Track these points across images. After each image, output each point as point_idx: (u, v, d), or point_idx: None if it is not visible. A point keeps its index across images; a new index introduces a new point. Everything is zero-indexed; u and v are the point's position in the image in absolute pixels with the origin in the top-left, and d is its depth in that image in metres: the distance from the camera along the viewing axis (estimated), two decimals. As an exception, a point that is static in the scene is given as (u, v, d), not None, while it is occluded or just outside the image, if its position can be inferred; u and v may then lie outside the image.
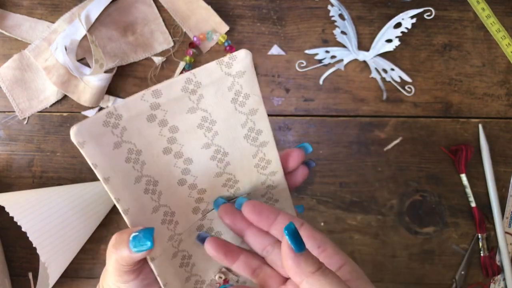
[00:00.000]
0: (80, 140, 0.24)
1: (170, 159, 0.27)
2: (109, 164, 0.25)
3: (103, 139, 0.25)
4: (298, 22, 0.51)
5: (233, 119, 0.28)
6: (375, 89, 0.51)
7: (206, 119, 0.27)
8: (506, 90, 0.51)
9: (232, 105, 0.27)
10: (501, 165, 0.51)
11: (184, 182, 0.28)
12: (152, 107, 0.26)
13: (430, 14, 0.51)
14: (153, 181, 0.27)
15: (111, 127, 0.25)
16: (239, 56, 0.26)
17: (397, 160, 0.51)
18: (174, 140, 0.27)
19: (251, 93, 0.27)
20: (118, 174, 0.25)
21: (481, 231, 0.50)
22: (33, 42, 0.49)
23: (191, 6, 0.51)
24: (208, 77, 0.26)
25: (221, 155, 0.28)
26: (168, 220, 0.28)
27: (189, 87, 0.26)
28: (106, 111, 0.25)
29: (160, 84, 0.26)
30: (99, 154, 0.25)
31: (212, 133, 0.28)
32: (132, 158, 0.26)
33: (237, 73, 0.27)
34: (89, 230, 0.47)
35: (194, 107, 0.27)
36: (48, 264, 0.41)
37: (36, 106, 0.50)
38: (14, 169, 0.51)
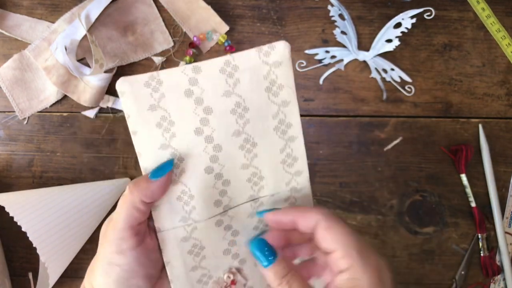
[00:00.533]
0: (122, 89, 0.26)
1: (200, 142, 0.28)
2: (141, 120, 0.27)
3: (141, 97, 0.26)
4: (298, 22, 0.51)
5: (265, 109, 0.28)
6: (375, 89, 0.51)
7: (240, 105, 0.28)
8: (506, 90, 0.51)
9: (266, 93, 0.28)
10: (501, 165, 0.51)
11: (211, 171, 0.28)
12: (190, 82, 0.27)
13: (430, 14, 0.51)
14: (179, 157, 0.28)
15: (152, 90, 0.27)
16: (278, 47, 0.27)
17: (397, 160, 0.51)
18: (207, 122, 0.28)
19: (286, 84, 0.28)
20: (145, 132, 0.27)
21: (481, 231, 0.50)
22: (33, 42, 0.49)
23: (191, 6, 0.51)
24: (246, 62, 0.27)
25: (250, 145, 0.29)
26: (185, 200, 0.28)
27: (227, 69, 0.27)
28: (150, 73, 0.26)
29: (201, 62, 0.27)
30: (134, 108, 0.26)
31: (244, 120, 0.28)
32: (163, 125, 0.27)
33: (274, 63, 0.27)
34: (89, 230, 0.47)
35: (230, 91, 0.27)
36: (48, 264, 0.41)
37: (36, 106, 0.50)
38: (14, 169, 0.51)
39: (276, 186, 0.30)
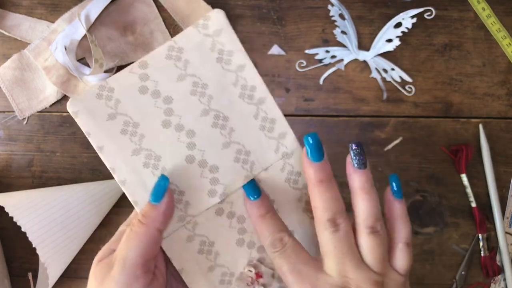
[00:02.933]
0: (75, 109, 0.26)
1: (171, 133, 0.27)
2: (103, 133, 0.26)
3: (96, 110, 0.26)
4: (298, 22, 0.51)
5: (223, 79, 0.27)
6: (375, 89, 0.51)
7: (197, 84, 0.27)
8: (506, 90, 0.51)
9: (219, 64, 0.27)
10: (501, 165, 0.51)
11: (192, 159, 0.27)
12: (141, 78, 0.26)
13: (430, 14, 0.51)
14: (155, 156, 0.27)
15: (105, 99, 0.26)
16: (212, 16, 0.27)
17: (397, 160, 0.51)
18: (171, 112, 0.27)
19: (234, 49, 0.27)
20: (113, 144, 0.26)
21: (481, 231, 0.50)
22: (33, 42, 0.49)
23: (191, 6, 0.51)
24: (189, 41, 0.27)
25: (222, 120, 0.28)
26: (176, 199, 0.27)
27: (173, 54, 0.27)
28: (98, 84, 0.26)
29: (146, 55, 0.27)
30: (92, 123, 0.26)
31: (206, 97, 0.27)
32: (128, 130, 0.26)
33: (214, 32, 0.27)
34: (89, 230, 0.47)
35: (183, 74, 0.27)
36: (48, 264, 0.41)
37: (35, 106, 0.50)
38: (13, 169, 0.51)
39: (266, 158, 0.29)
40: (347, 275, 0.25)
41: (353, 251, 0.25)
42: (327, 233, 0.25)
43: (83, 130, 0.26)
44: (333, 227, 0.25)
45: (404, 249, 0.27)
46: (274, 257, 0.26)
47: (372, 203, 0.27)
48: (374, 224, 0.26)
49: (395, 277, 0.26)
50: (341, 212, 0.26)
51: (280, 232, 0.27)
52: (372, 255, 0.26)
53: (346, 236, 0.26)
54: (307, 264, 0.26)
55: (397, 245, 0.27)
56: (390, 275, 0.26)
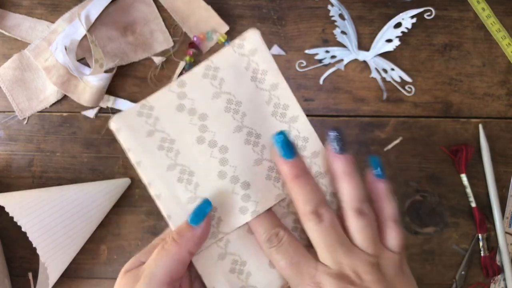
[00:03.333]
0: (117, 127, 0.27)
1: (205, 149, 0.28)
2: (141, 149, 0.27)
3: (137, 127, 0.27)
4: (298, 22, 0.51)
5: (257, 98, 0.28)
6: (375, 89, 0.51)
7: (232, 102, 0.28)
8: (506, 90, 0.51)
9: (253, 83, 0.28)
10: (501, 165, 0.51)
11: (224, 175, 0.28)
12: (179, 97, 0.28)
13: (430, 14, 0.51)
14: (189, 171, 0.28)
15: (145, 117, 0.27)
16: (248, 36, 0.28)
17: (397, 160, 0.51)
18: (206, 128, 0.28)
19: (268, 68, 0.28)
20: (150, 159, 0.27)
21: (481, 231, 0.50)
22: (33, 42, 0.49)
23: (191, 6, 0.51)
24: (225, 61, 0.28)
25: (255, 137, 0.28)
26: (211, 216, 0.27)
27: (209, 73, 0.28)
28: (140, 103, 0.27)
29: (184, 75, 0.28)
30: (132, 139, 0.27)
31: (240, 114, 0.28)
32: (165, 147, 0.27)
33: (250, 52, 0.28)
34: (89, 230, 0.47)
35: (218, 92, 0.28)
36: (48, 264, 0.41)
37: (36, 106, 0.50)
38: (14, 169, 0.51)
39: None
40: (341, 261, 0.25)
41: (342, 237, 0.26)
42: (312, 225, 0.26)
43: (124, 146, 0.27)
44: (317, 218, 0.26)
45: (393, 227, 0.27)
46: (271, 252, 0.26)
47: (355, 185, 0.27)
48: (360, 205, 0.26)
49: (389, 255, 0.26)
50: (322, 202, 0.26)
51: (275, 227, 0.27)
52: (362, 236, 0.26)
53: (331, 225, 0.26)
54: (304, 257, 0.26)
55: (386, 224, 0.27)
56: (384, 254, 0.26)
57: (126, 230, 0.50)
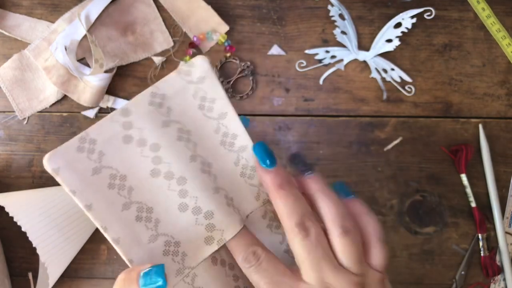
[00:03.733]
0: (55, 166, 0.23)
1: (161, 182, 0.25)
2: (90, 190, 0.24)
3: (79, 165, 0.24)
4: (298, 22, 0.51)
5: (205, 127, 0.27)
6: (375, 89, 0.51)
7: (182, 130, 0.26)
8: (506, 90, 0.51)
9: (200, 111, 0.27)
10: (501, 165, 0.51)
11: (185, 207, 0.26)
12: (124, 127, 0.25)
13: (430, 14, 0.51)
14: (146, 208, 0.25)
15: (87, 152, 0.24)
16: (196, 63, 0.26)
17: (397, 160, 0.51)
18: (160, 160, 0.25)
19: (217, 97, 0.27)
20: (101, 200, 0.24)
21: (481, 231, 0.50)
22: (33, 42, 0.49)
23: (191, 6, 0.51)
24: (171, 87, 0.26)
25: (207, 166, 0.27)
26: (172, 251, 0.26)
27: (155, 100, 0.26)
28: (78, 136, 0.24)
29: (128, 102, 0.25)
30: (76, 180, 0.24)
31: (192, 143, 0.27)
32: (116, 184, 0.25)
33: (198, 80, 0.26)
34: (89, 230, 0.47)
35: (167, 121, 0.26)
36: (48, 264, 0.41)
37: (36, 106, 0.50)
38: (14, 169, 0.51)
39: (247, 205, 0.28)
40: (327, 281, 0.24)
41: (328, 255, 0.25)
42: (298, 240, 0.24)
43: (67, 189, 0.23)
44: (303, 231, 0.24)
45: (378, 246, 0.26)
46: (249, 273, 0.25)
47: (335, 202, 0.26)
48: (343, 222, 0.25)
49: (374, 275, 0.25)
50: (308, 214, 0.25)
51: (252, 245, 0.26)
52: (348, 256, 0.25)
53: (318, 240, 0.25)
54: (285, 276, 0.25)
55: (370, 242, 0.26)
56: (369, 274, 0.25)
57: (126, 230, 0.50)
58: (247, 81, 0.51)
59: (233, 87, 0.51)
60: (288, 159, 0.28)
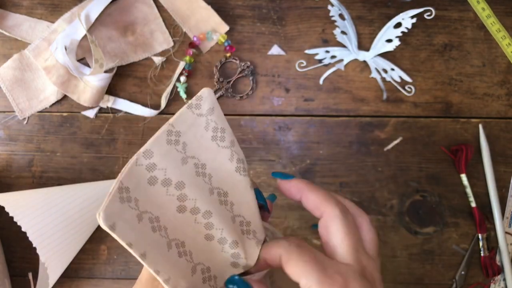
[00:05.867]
0: (111, 223, 0.24)
1: (187, 216, 0.27)
2: (141, 238, 0.25)
3: (126, 215, 0.25)
4: (298, 22, 0.51)
5: (219, 156, 0.28)
6: (375, 89, 0.51)
7: (198, 166, 0.27)
8: (506, 90, 0.51)
9: (214, 142, 0.28)
10: (501, 165, 0.51)
11: (211, 238, 0.27)
12: (148, 169, 0.26)
13: (430, 14, 0.51)
14: (181, 243, 0.26)
15: (127, 201, 0.25)
16: (203, 95, 0.27)
17: (397, 160, 0.51)
18: (185, 197, 0.26)
19: (225, 126, 0.28)
20: (151, 246, 0.25)
21: (481, 231, 0.50)
22: (33, 42, 0.49)
23: (191, 6, 0.51)
24: (184, 123, 0.27)
25: (223, 196, 0.28)
26: (207, 277, 0.27)
27: (172, 138, 0.26)
28: (116, 186, 0.25)
29: (148, 143, 0.26)
30: (129, 231, 0.24)
31: (207, 177, 0.27)
32: (156, 227, 0.25)
33: (207, 111, 0.27)
34: (89, 230, 0.47)
35: (184, 157, 0.27)
36: (48, 264, 0.41)
37: (36, 106, 0.50)
38: (14, 169, 0.51)
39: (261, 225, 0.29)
40: (364, 263, 0.25)
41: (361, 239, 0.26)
42: (339, 220, 0.26)
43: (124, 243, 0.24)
44: (344, 212, 0.26)
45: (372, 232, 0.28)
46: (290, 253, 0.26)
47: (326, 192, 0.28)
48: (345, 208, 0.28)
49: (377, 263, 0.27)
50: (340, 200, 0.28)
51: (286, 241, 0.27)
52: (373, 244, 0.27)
53: (354, 224, 0.26)
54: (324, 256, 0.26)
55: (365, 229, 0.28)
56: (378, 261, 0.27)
57: (126, 230, 0.50)
58: (247, 81, 0.51)
59: (233, 87, 0.51)
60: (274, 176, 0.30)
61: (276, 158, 0.50)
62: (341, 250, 0.26)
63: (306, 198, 0.28)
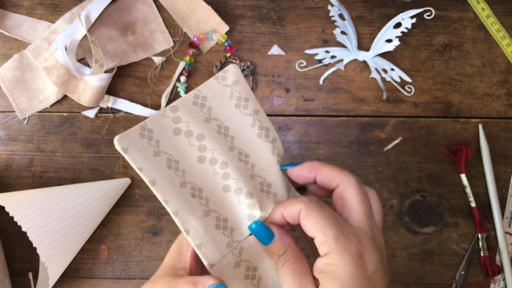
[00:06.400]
0: (124, 146, 0.27)
1: (207, 167, 0.29)
2: (153, 168, 0.27)
3: (143, 147, 0.28)
4: (298, 22, 0.51)
5: (242, 122, 0.31)
6: (375, 89, 0.51)
7: (221, 127, 0.30)
8: (506, 90, 0.51)
9: (237, 109, 0.31)
10: (501, 165, 0.51)
11: (229, 188, 0.29)
12: (174, 121, 0.29)
13: (430, 14, 0.51)
14: (198, 188, 0.29)
15: (147, 139, 0.28)
16: (229, 70, 0.31)
17: (397, 160, 0.51)
18: (205, 148, 0.29)
19: (249, 97, 0.31)
20: (163, 177, 0.28)
21: (481, 231, 0.50)
22: (33, 42, 0.49)
23: (191, 6, 0.51)
24: (211, 90, 0.31)
25: (244, 156, 0.31)
26: (222, 225, 0.29)
27: (198, 101, 0.30)
28: (139, 125, 0.28)
29: (175, 101, 0.30)
30: (142, 159, 0.27)
31: (230, 137, 0.30)
32: (173, 166, 0.28)
33: (232, 83, 0.31)
34: (89, 230, 0.47)
35: (208, 118, 0.30)
36: (48, 264, 0.41)
37: (36, 106, 0.50)
38: (14, 169, 0.51)
39: (284, 190, 0.31)
40: (374, 230, 0.27)
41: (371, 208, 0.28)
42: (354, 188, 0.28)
43: (135, 166, 0.27)
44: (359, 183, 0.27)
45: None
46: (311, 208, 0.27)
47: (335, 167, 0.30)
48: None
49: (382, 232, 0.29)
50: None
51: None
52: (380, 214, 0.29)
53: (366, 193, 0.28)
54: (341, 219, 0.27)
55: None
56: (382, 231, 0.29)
57: (126, 230, 0.50)
58: (247, 81, 0.51)
59: (233, 87, 0.51)
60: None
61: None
62: (356, 215, 0.27)
63: (321, 172, 0.29)
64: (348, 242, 0.25)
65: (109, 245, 0.50)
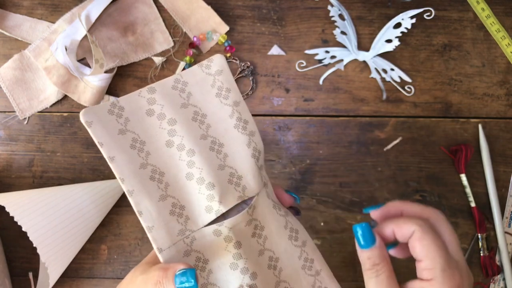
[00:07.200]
0: (88, 120, 0.27)
1: (174, 152, 0.29)
2: (115, 144, 0.28)
3: (108, 123, 0.28)
4: (298, 22, 0.52)
5: (221, 112, 0.31)
6: (375, 89, 0.51)
7: (198, 113, 0.30)
8: (505, 90, 0.51)
9: (217, 99, 0.31)
10: (501, 165, 0.51)
11: (191, 176, 0.29)
12: (149, 102, 0.29)
13: (430, 14, 0.51)
14: (159, 172, 0.29)
15: (116, 116, 0.28)
16: (215, 59, 0.31)
17: (397, 160, 0.51)
18: (174, 132, 0.29)
19: (231, 88, 0.31)
20: (123, 155, 0.28)
21: (481, 231, 0.50)
22: (33, 42, 0.49)
23: (191, 6, 0.51)
24: (193, 77, 0.31)
25: (218, 146, 0.30)
26: (178, 212, 0.29)
27: (178, 86, 0.30)
28: (110, 101, 0.28)
29: (155, 83, 0.30)
30: (105, 134, 0.27)
31: (205, 125, 0.30)
32: (136, 146, 0.28)
33: (216, 72, 0.31)
34: (89, 230, 0.47)
35: (186, 103, 0.30)
36: (48, 264, 0.41)
37: (36, 106, 0.50)
38: (14, 169, 0.51)
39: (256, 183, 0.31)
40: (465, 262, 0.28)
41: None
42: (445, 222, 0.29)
43: (96, 140, 0.27)
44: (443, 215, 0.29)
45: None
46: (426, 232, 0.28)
47: None
48: None
49: None
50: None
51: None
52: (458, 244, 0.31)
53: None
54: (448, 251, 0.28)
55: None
56: None
57: (126, 230, 0.50)
58: (247, 81, 0.51)
59: (233, 87, 0.51)
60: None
61: (276, 158, 0.51)
62: (452, 248, 0.28)
63: (408, 210, 0.30)
64: (452, 276, 0.26)
65: (109, 245, 0.50)
